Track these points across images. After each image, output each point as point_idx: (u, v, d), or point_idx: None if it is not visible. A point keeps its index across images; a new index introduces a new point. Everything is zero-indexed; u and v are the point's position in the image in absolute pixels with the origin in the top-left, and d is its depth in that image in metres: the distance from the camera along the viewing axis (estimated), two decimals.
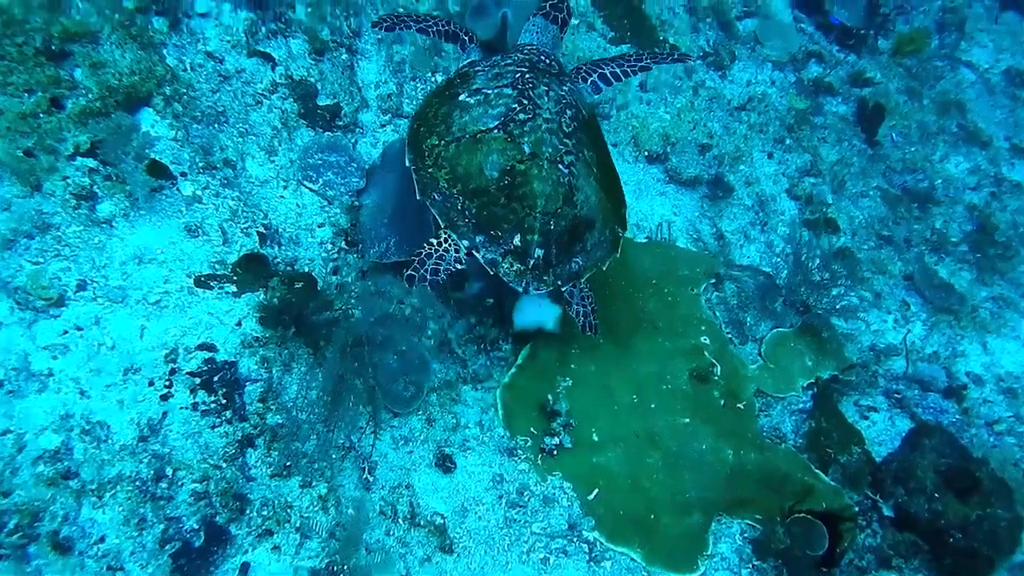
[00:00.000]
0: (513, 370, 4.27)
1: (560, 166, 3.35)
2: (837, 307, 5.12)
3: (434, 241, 3.44)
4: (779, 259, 5.55)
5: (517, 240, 3.30)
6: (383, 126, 4.90)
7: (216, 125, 4.18)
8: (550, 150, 3.34)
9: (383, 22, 4.02)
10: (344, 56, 4.87)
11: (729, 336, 4.94)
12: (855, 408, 5.09)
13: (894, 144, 6.90)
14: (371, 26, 4.07)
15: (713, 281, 5.17)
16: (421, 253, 3.40)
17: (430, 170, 3.40)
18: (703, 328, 4.80)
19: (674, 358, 4.52)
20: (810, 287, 5.23)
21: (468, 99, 3.48)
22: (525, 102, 3.42)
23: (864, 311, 5.46)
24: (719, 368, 4.60)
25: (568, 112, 3.51)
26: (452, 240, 3.38)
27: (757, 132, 6.34)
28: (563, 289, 3.57)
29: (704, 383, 4.51)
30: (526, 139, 3.33)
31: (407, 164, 3.55)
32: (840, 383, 5.05)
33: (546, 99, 3.48)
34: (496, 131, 3.34)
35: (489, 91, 3.49)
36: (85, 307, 3.37)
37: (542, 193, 3.28)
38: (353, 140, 4.73)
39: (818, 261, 5.33)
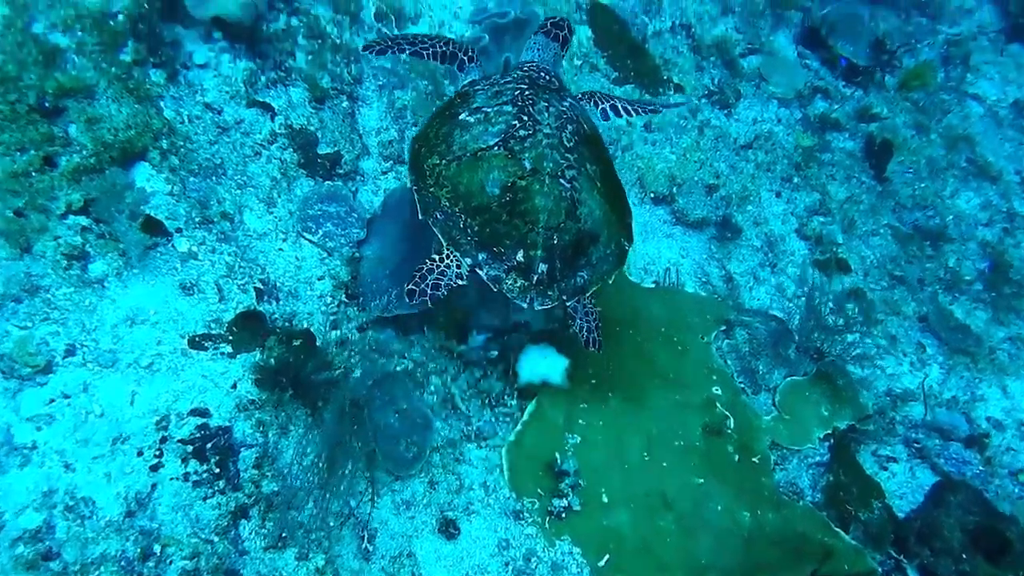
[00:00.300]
0: (519, 427, 4.12)
1: (562, 180, 3.31)
2: (852, 354, 4.97)
3: (436, 257, 3.38)
4: (791, 304, 5.42)
5: (520, 256, 3.27)
6: (384, 173, 4.82)
7: (214, 178, 4.09)
8: (551, 165, 3.32)
9: (374, 46, 3.94)
10: (345, 103, 4.80)
11: (742, 386, 4.78)
12: (874, 458, 4.90)
13: (903, 180, 6.80)
14: (362, 50, 3.99)
15: (724, 328, 5.03)
16: (422, 268, 3.34)
17: (431, 190, 3.37)
18: (715, 378, 4.65)
19: (686, 412, 4.37)
20: (824, 332, 5.08)
21: (468, 118, 3.46)
22: (525, 118, 3.40)
23: (880, 357, 5.30)
24: (732, 420, 4.44)
25: (569, 127, 3.48)
26: (454, 256, 3.34)
27: (764, 171, 6.24)
28: (567, 304, 3.50)
29: (717, 437, 4.35)
30: (527, 155, 3.31)
31: (409, 185, 3.51)
32: (857, 432, 4.87)
33: (546, 115, 3.46)
34: (496, 148, 3.32)
35: (489, 109, 3.47)
36: (73, 373, 3.24)
37: (544, 208, 3.24)
38: (354, 189, 4.64)
39: (831, 305, 5.20)
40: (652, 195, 5.78)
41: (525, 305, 3.32)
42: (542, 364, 4.32)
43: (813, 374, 4.93)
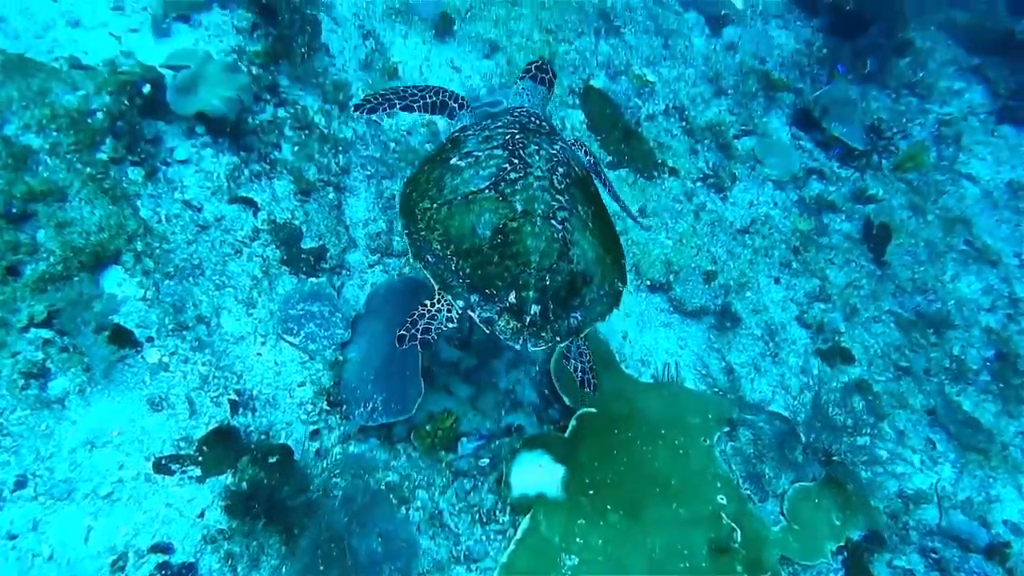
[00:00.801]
0: (512, 547, 3.82)
1: (553, 222, 3.27)
2: (863, 459, 4.73)
3: (427, 302, 3.30)
4: (795, 400, 5.20)
5: (512, 297, 3.18)
6: (372, 266, 4.63)
7: (191, 279, 3.88)
8: (543, 207, 3.28)
9: (365, 104, 3.89)
10: (331, 195, 4.65)
11: (747, 493, 4.51)
12: (889, 570, 4.61)
13: (903, 263, 6.69)
14: (353, 110, 3.95)
15: (727, 429, 4.79)
16: (414, 314, 3.26)
17: (423, 233, 3.33)
18: (719, 485, 4.38)
19: (690, 527, 4.08)
20: (831, 432, 4.85)
21: (459, 162, 3.45)
22: (516, 161, 3.39)
23: (892, 462, 5.06)
24: (739, 533, 4.16)
25: (560, 169, 3.46)
26: (445, 300, 3.27)
27: (762, 256, 6.12)
28: (560, 345, 3.39)
29: (724, 554, 4.05)
30: (518, 197, 3.28)
31: (400, 229, 3.39)
32: (872, 542, 4.59)
33: (537, 158, 3.44)
34: (487, 191, 3.30)
35: (480, 153, 3.46)
36: (23, 509, 2.95)
37: (536, 249, 3.19)
38: (339, 284, 4.44)
39: (837, 406, 4.99)
40: (648, 282, 5.62)
41: (518, 347, 3.22)
42: (536, 473, 4.06)
43: (822, 479, 4.67)
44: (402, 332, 3.21)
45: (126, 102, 3.93)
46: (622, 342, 5.25)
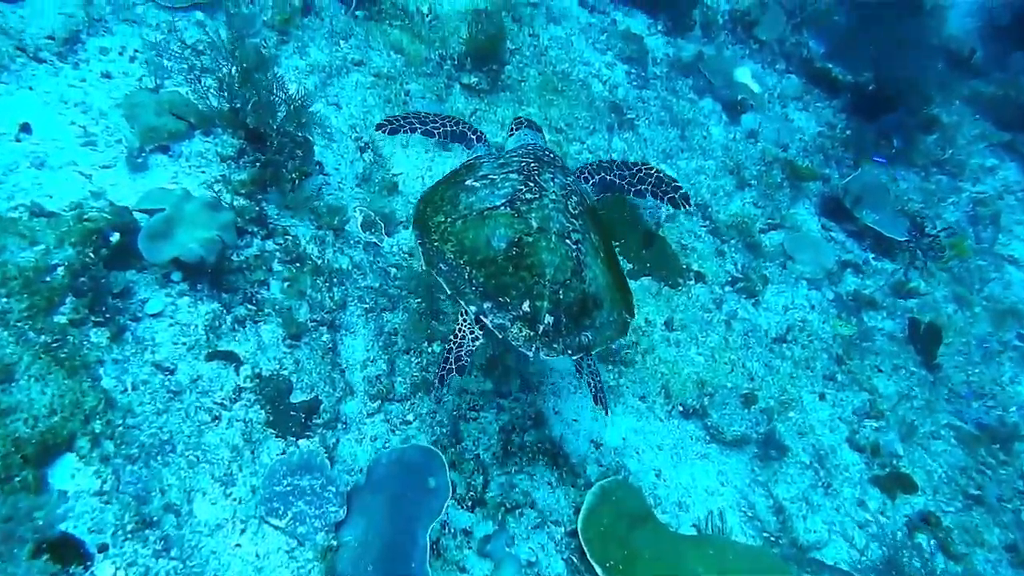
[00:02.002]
0: None
1: (568, 241, 3.34)
2: None
3: (450, 338, 3.35)
4: (858, 554, 4.54)
5: (527, 306, 3.20)
6: (371, 415, 4.08)
7: (159, 458, 3.34)
8: (557, 226, 3.35)
9: (387, 124, 4.14)
10: (325, 336, 4.14)
11: None
12: None
13: (954, 365, 6.09)
14: (375, 129, 4.16)
15: None
16: (446, 354, 3.32)
17: (436, 243, 3.36)
18: None
19: None
20: None
21: (474, 183, 3.53)
22: (531, 184, 3.48)
23: None
24: None
25: (574, 198, 3.55)
26: (466, 323, 3.33)
27: (803, 369, 5.54)
28: (573, 359, 3.41)
29: None
30: (533, 215, 3.35)
31: (413, 238, 3.56)
32: None
33: (552, 184, 3.53)
34: (503, 208, 3.37)
35: (495, 176, 3.56)
36: None
37: (551, 263, 3.24)
38: (334, 439, 3.88)
39: (905, 551, 4.34)
40: (680, 407, 5.04)
41: (530, 354, 3.18)
42: None
43: None
44: (441, 375, 3.28)
45: (91, 255, 3.47)
46: (655, 482, 4.63)
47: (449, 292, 3.28)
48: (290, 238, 4.31)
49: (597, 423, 4.65)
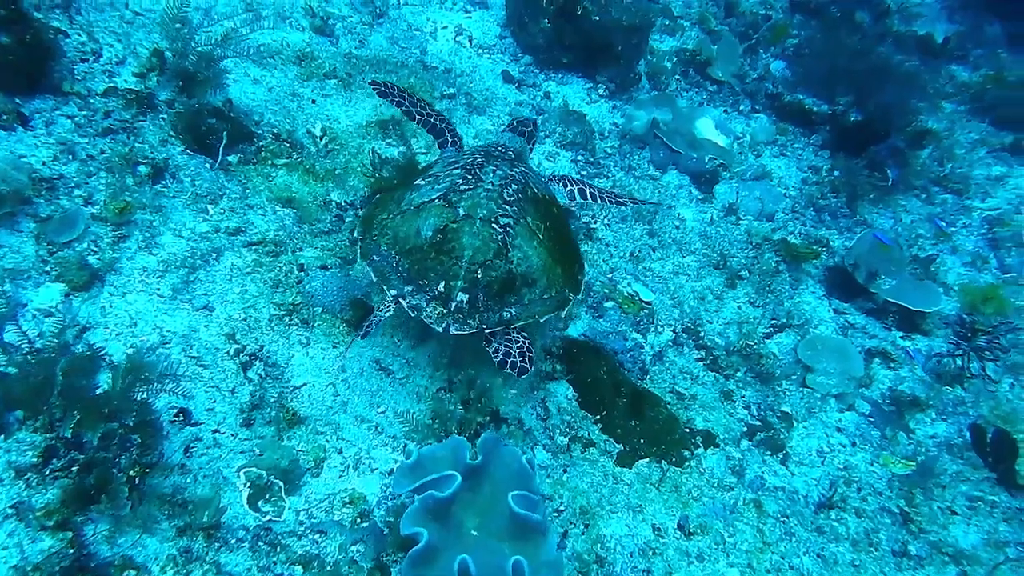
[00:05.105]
0: None
1: (494, 226, 3.48)
2: None
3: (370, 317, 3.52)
4: None
5: (441, 287, 3.40)
6: None
7: None
8: (485, 212, 3.50)
9: (380, 85, 4.47)
10: None
11: None
12: None
13: None
14: (369, 83, 4.53)
15: None
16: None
17: (374, 238, 3.62)
18: None
19: None
20: None
21: (421, 182, 3.77)
22: (469, 177, 3.66)
23: None
24: None
25: (512, 186, 3.70)
26: (384, 302, 3.53)
27: (866, 550, 4.22)
28: (487, 331, 3.50)
29: None
30: (462, 204, 3.52)
31: (354, 236, 4.13)
32: None
33: (491, 175, 3.71)
34: (437, 200, 3.56)
35: (441, 173, 3.78)
36: None
37: (470, 246, 3.42)
38: None
39: None
40: None
41: (440, 330, 3.38)
42: None
43: None
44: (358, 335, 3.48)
45: None
46: None
47: (376, 279, 3.52)
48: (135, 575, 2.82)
49: None
